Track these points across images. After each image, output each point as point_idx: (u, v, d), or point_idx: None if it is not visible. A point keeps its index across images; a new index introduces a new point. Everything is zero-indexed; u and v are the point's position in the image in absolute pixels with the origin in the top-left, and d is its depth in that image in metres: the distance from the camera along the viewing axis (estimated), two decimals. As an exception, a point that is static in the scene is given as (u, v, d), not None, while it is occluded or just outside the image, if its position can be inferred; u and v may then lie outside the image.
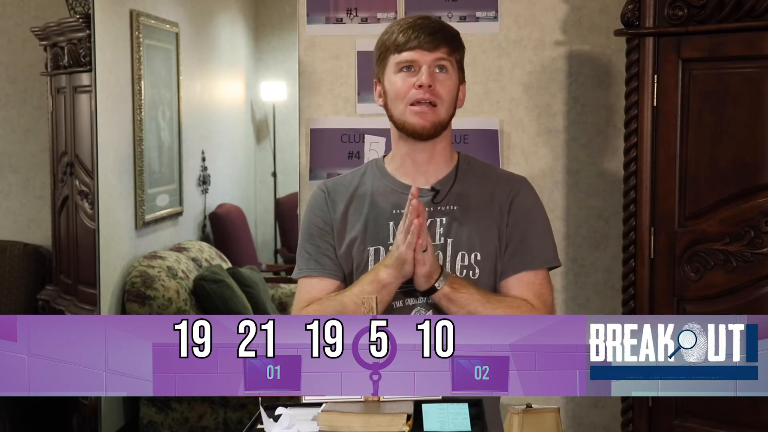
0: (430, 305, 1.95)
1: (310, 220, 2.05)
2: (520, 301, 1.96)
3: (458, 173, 2.03)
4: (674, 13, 2.62)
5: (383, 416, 1.65)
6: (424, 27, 1.95)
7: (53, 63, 4.05)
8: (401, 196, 1.98)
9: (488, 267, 1.98)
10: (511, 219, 2.00)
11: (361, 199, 2.03)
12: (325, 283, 2.01)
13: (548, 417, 2.51)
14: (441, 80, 1.95)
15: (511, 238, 1.99)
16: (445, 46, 1.95)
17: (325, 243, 2.02)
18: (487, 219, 1.99)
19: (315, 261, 2.02)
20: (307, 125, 3.23)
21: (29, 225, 4.42)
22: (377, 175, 2.05)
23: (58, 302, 4.05)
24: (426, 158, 2.01)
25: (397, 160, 2.04)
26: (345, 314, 1.85)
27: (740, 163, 2.57)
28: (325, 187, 2.07)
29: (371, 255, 1.99)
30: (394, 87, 1.96)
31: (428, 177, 2.02)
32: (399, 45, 1.94)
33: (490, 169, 2.10)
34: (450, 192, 2.00)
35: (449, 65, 1.96)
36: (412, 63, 1.94)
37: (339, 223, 2.02)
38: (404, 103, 1.95)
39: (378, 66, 2.01)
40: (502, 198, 2.01)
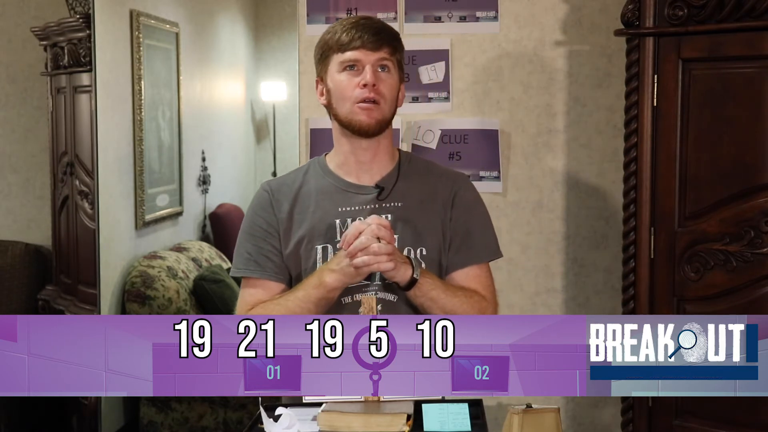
0: (379, 300, 1.97)
1: (253, 221, 2.06)
2: (471, 291, 2.01)
3: (401, 170, 2.06)
4: (674, 13, 2.62)
5: (383, 416, 1.65)
6: (367, 27, 1.98)
7: (53, 63, 4.05)
8: (345, 194, 2.02)
9: (434, 261, 2.03)
10: (454, 214, 2.04)
11: (306, 197, 2.04)
12: (268, 285, 2.02)
13: (548, 417, 2.50)
14: (383, 79, 1.98)
15: (456, 233, 2.04)
16: (387, 46, 1.99)
17: (267, 244, 2.03)
18: (431, 214, 2.03)
19: (255, 262, 2.03)
20: (307, 125, 3.23)
21: (29, 225, 4.42)
22: (320, 173, 2.07)
23: (58, 302, 4.05)
24: (370, 156, 2.03)
25: (340, 157, 2.06)
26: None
27: (740, 163, 2.57)
28: (269, 187, 2.09)
29: (319, 253, 2.01)
30: (339, 86, 1.99)
31: (372, 174, 2.04)
32: (342, 45, 1.98)
33: (431, 165, 2.14)
34: (394, 189, 2.04)
35: (391, 65, 2.00)
36: (356, 62, 1.98)
37: (285, 223, 2.03)
38: (350, 102, 1.98)
39: (320, 64, 2.04)
40: (444, 193, 2.05)
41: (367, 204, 2.01)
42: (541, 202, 3.21)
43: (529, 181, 3.20)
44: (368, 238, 1.85)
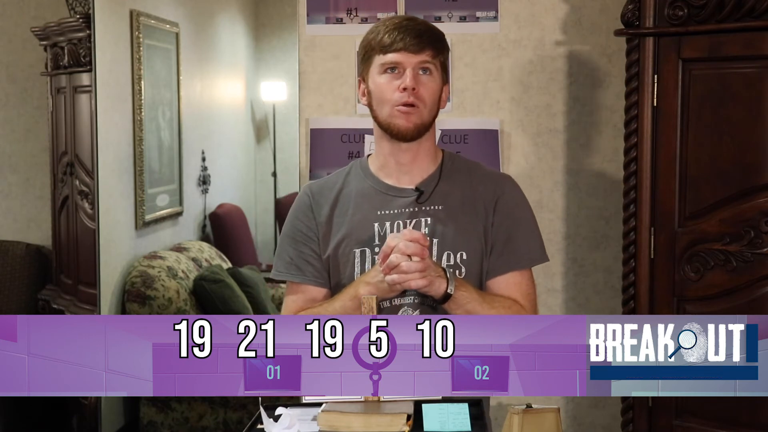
0: (417, 305, 1.96)
1: (293, 225, 2.06)
2: (510, 301, 1.97)
3: (442, 172, 2.03)
4: (674, 13, 2.62)
5: (383, 416, 1.65)
6: (410, 29, 1.95)
7: (53, 63, 4.05)
8: (385, 197, 2.00)
9: (474, 266, 1.99)
10: (496, 219, 2.00)
11: (346, 200, 2.03)
12: (309, 291, 2.03)
13: (548, 417, 2.50)
14: (424, 83, 1.95)
15: (497, 239, 2.00)
16: (430, 48, 1.95)
17: (307, 248, 2.03)
18: (472, 218, 1.99)
19: (296, 266, 2.03)
20: (307, 125, 3.23)
21: (29, 225, 4.42)
22: (361, 175, 2.05)
23: (58, 302, 4.05)
24: (410, 158, 2.01)
25: (381, 159, 2.04)
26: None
27: (740, 163, 2.57)
28: (310, 191, 2.08)
29: (357, 257, 1.99)
30: (379, 89, 1.96)
31: (412, 176, 2.02)
32: (384, 46, 1.95)
33: (475, 167, 2.09)
34: (434, 192, 2.01)
35: (433, 68, 1.97)
36: (397, 65, 1.94)
37: (324, 227, 2.02)
38: (389, 105, 1.95)
39: (362, 65, 2.02)
40: (487, 197, 2.01)
41: (407, 207, 1.99)
42: (541, 202, 3.21)
43: (529, 181, 3.20)
44: (398, 256, 1.82)
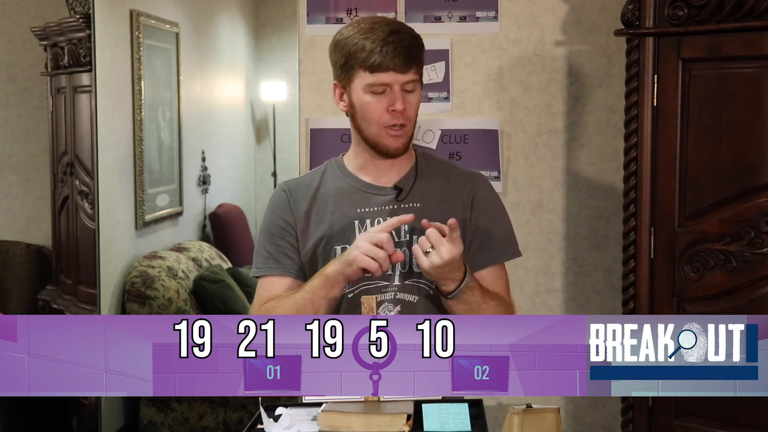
0: (398, 301, 1.96)
1: (272, 220, 2.06)
2: (498, 296, 2.00)
3: (418, 171, 2.05)
4: (674, 13, 2.62)
5: (383, 416, 1.65)
6: (397, 45, 1.90)
7: (53, 63, 4.05)
8: (364, 195, 2.02)
9: None
10: (474, 215, 2.03)
11: (324, 198, 2.03)
12: (284, 281, 2.02)
13: (548, 417, 2.50)
14: (410, 100, 1.95)
15: (476, 234, 2.02)
16: (415, 65, 1.94)
17: (285, 242, 2.03)
18: (450, 214, 1.98)
19: (274, 260, 2.02)
20: (307, 125, 3.23)
21: (29, 225, 4.42)
22: (339, 174, 2.06)
23: (58, 302, 4.05)
24: (389, 162, 2.02)
25: (359, 161, 2.04)
26: (299, 312, 1.88)
27: (740, 163, 2.57)
28: (287, 186, 2.08)
29: (338, 253, 1.99)
30: (366, 108, 1.94)
31: (390, 176, 2.03)
32: (372, 65, 1.90)
33: (448, 165, 2.12)
34: (412, 189, 2.03)
35: (417, 83, 1.96)
36: (385, 86, 1.92)
37: (303, 222, 2.03)
38: (377, 125, 1.95)
39: (342, 72, 1.96)
40: (464, 194, 2.04)
41: (386, 205, 2.00)
42: (541, 202, 3.21)
43: (529, 181, 3.20)
44: (433, 231, 1.84)
